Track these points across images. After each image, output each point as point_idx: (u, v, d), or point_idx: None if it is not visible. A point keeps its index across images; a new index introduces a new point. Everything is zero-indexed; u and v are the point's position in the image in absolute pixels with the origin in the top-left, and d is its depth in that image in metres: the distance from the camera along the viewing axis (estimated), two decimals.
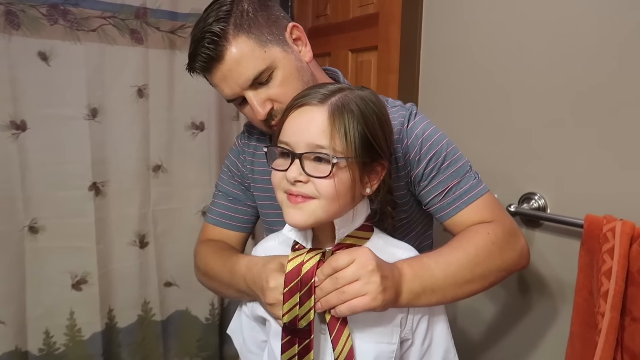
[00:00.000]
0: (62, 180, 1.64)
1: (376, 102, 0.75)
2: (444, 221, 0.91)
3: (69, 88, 1.62)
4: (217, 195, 1.11)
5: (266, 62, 0.87)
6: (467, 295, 0.80)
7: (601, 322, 0.94)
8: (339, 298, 0.69)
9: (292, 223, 0.75)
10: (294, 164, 0.72)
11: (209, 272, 0.98)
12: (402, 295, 0.73)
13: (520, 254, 0.86)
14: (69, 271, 1.68)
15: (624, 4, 0.99)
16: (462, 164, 0.90)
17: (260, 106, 0.88)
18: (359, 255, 0.70)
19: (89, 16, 1.63)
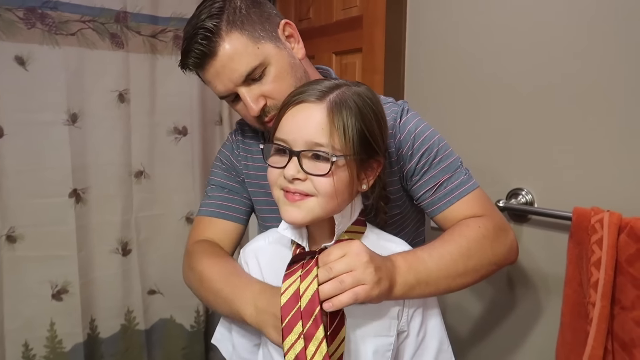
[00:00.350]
0: (41, 187, 1.60)
1: (372, 99, 0.76)
2: (435, 215, 0.92)
3: (48, 93, 1.59)
4: (212, 188, 1.07)
5: (259, 58, 0.87)
6: (459, 287, 0.81)
7: (592, 312, 0.96)
8: (337, 287, 0.67)
9: (290, 220, 0.75)
10: (291, 161, 0.72)
11: (204, 280, 0.90)
12: (396, 287, 0.73)
13: (510, 248, 0.88)
14: (49, 281, 1.63)
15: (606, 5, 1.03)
16: (453, 159, 0.92)
17: (253, 102, 0.88)
18: (351, 248, 0.70)
19: (67, 20, 1.61)
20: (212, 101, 1.93)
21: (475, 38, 1.27)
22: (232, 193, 1.05)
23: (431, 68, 1.39)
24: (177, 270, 1.82)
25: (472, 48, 1.28)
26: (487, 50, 1.25)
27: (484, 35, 1.25)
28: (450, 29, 1.33)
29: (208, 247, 0.99)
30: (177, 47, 1.81)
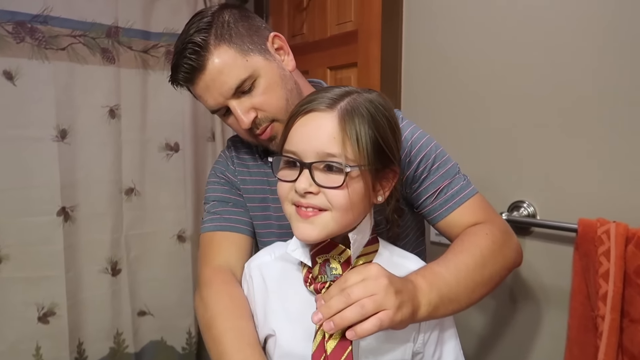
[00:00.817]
0: (29, 205, 1.55)
1: (385, 105, 0.73)
2: (437, 222, 0.90)
3: (37, 108, 1.55)
4: (213, 205, 1.00)
5: (248, 70, 0.87)
6: (477, 300, 0.78)
7: (602, 325, 0.94)
8: (358, 312, 0.61)
9: (303, 238, 0.71)
10: (302, 174, 0.68)
11: (211, 333, 0.80)
12: (420, 308, 0.68)
13: (517, 251, 0.87)
14: (35, 302, 1.57)
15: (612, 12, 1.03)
16: (451, 165, 0.91)
17: (244, 115, 0.88)
18: (370, 272, 0.65)
19: (58, 34, 1.58)
20: (204, 117, 1.91)
21: (473, 50, 1.27)
22: (236, 206, 1.00)
23: (428, 81, 1.39)
24: (168, 290, 1.81)
25: (470, 60, 1.28)
26: (485, 62, 1.25)
27: (481, 47, 1.25)
28: (447, 42, 1.33)
29: (224, 289, 0.87)
30: (169, 62, 1.78)
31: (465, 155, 1.27)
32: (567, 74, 1.09)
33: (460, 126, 1.31)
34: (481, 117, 1.27)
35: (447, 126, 1.33)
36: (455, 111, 1.32)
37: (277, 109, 0.89)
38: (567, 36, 1.09)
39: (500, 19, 1.21)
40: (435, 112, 1.37)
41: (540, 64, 1.14)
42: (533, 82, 1.15)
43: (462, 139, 1.30)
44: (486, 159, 1.25)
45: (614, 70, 1.02)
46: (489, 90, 1.25)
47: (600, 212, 1.02)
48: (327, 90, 0.74)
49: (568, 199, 1.11)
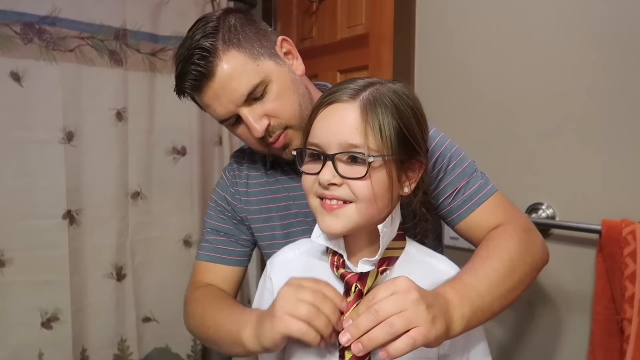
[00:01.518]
0: (34, 208, 1.52)
1: (410, 95, 0.71)
2: (456, 224, 0.87)
3: (43, 110, 1.53)
4: (208, 232, 1.02)
5: (260, 75, 0.83)
6: (509, 304, 0.76)
7: (628, 328, 0.92)
8: (387, 332, 0.58)
9: (328, 231, 0.70)
10: (326, 166, 0.67)
11: (206, 318, 0.87)
12: (454, 323, 0.65)
13: (543, 249, 0.84)
14: (39, 308, 1.53)
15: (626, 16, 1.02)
16: (467, 164, 0.88)
17: (256, 123, 0.84)
18: (398, 285, 0.62)
19: (66, 36, 1.56)
20: (211, 121, 1.89)
21: (487, 53, 1.26)
22: (227, 236, 1.00)
23: (442, 85, 1.38)
24: (173, 297, 1.77)
25: (485, 63, 1.27)
26: (500, 64, 1.24)
27: (496, 50, 1.24)
28: (461, 46, 1.32)
29: (208, 290, 0.96)
30: None
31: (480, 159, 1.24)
32: (587, 73, 1.08)
33: (475, 129, 1.29)
34: (496, 119, 1.25)
35: (461, 130, 1.32)
36: (470, 115, 1.31)
37: (290, 115, 0.86)
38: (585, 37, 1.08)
39: (515, 23, 1.20)
40: (449, 116, 1.35)
41: (558, 64, 1.13)
42: (550, 82, 1.14)
43: (476, 142, 1.28)
44: (502, 162, 1.23)
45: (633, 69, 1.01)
46: (504, 92, 1.23)
47: (621, 213, 1.01)
48: (351, 81, 0.72)
49: (587, 201, 1.09)
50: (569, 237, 1.12)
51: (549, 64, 1.14)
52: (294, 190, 0.95)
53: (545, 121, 1.15)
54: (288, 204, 0.95)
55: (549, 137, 1.15)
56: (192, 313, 0.92)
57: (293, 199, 0.95)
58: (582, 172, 1.10)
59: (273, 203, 0.97)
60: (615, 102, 1.04)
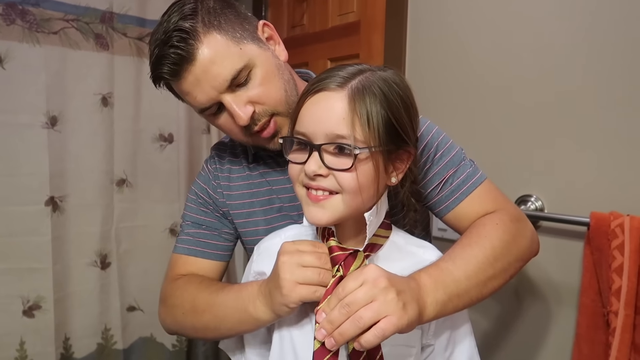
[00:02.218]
0: (15, 194, 1.49)
1: (400, 84, 0.69)
2: (444, 215, 0.85)
3: (26, 93, 1.50)
4: (187, 225, 0.96)
5: (243, 59, 0.79)
6: (490, 293, 0.75)
7: (615, 321, 0.92)
8: (356, 326, 0.59)
9: (314, 221, 0.69)
10: (312, 156, 0.66)
11: (199, 306, 0.83)
12: (427, 308, 0.65)
13: (531, 240, 0.82)
14: (20, 295, 1.51)
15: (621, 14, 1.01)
16: (455, 152, 0.85)
17: (241, 110, 0.79)
18: (367, 274, 0.62)
19: (50, 17, 1.53)
20: None
21: (480, 43, 1.25)
22: (210, 229, 0.95)
23: (433, 74, 1.36)
24: (158, 285, 1.70)
25: (476, 52, 1.26)
26: (490, 54, 1.22)
27: (488, 38, 1.23)
28: (454, 34, 1.30)
29: (191, 278, 0.90)
30: None
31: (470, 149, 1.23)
32: (578, 67, 1.07)
33: (464, 120, 1.28)
34: (486, 110, 1.24)
35: (451, 119, 1.31)
36: (460, 105, 1.30)
37: (276, 101, 0.82)
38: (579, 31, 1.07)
39: (509, 13, 1.19)
40: (439, 106, 1.34)
41: (551, 57, 1.12)
42: (542, 74, 1.13)
43: (466, 132, 1.27)
44: (491, 153, 1.22)
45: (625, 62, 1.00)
46: (494, 83, 1.22)
47: (610, 205, 1.00)
48: (340, 68, 0.70)
49: (576, 193, 1.09)
50: (557, 230, 1.11)
51: (541, 56, 1.13)
52: (277, 183, 0.92)
53: (535, 113, 1.15)
54: (271, 198, 0.92)
55: (538, 128, 1.14)
56: (176, 303, 0.87)
57: (276, 193, 0.92)
58: (571, 164, 1.09)
59: (256, 197, 0.94)
60: (606, 95, 1.03)
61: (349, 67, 0.70)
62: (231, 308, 0.77)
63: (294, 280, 0.67)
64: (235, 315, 0.77)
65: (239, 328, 0.78)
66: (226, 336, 0.84)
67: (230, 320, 0.78)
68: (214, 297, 0.81)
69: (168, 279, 0.94)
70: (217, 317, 0.80)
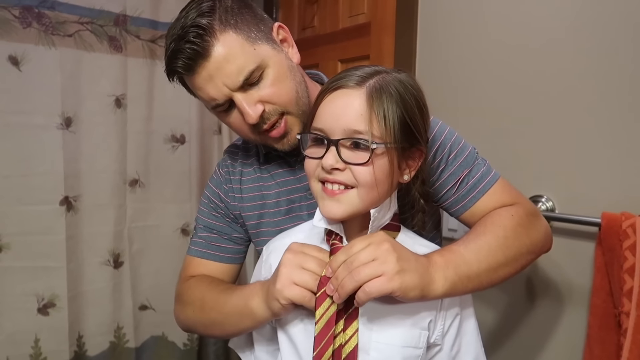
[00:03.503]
0: (31, 193, 1.52)
1: (414, 85, 0.72)
2: (462, 214, 0.86)
3: (41, 95, 1.52)
4: (200, 228, 0.99)
5: (257, 60, 0.80)
6: (500, 280, 0.76)
7: (626, 322, 0.91)
8: (353, 280, 0.64)
9: (329, 215, 0.71)
10: (329, 151, 0.68)
11: (206, 304, 0.86)
12: (435, 283, 0.68)
13: (545, 234, 0.83)
14: (35, 293, 1.53)
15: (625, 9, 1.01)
16: (468, 152, 0.86)
17: (251, 109, 0.81)
18: (374, 237, 0.68)
19: (65, 20, 1.55)
20: None
21: (490, 42, 1.25)
22: (220, 234, 0.98)
23: (444, 75, 1.36)
24: (170, 285, 1.74)
25: (487, 52, 1.26)
26: (502, 54, 1.22)
27: (499, 38, 1.23)
28: (464, 36, 1.31)
29: (202, 278, 0.95)
30: None
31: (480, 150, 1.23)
32: (588, 65, 1.07)
33: (475, 121, 1.28)
34: (496, 111, 1.24)
35: (462, 120, 1.30)
36: (470, 105, 1.30)
37: (287, 101, 0.83)
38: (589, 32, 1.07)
39: (518, 14, 1.19)
40: (450, 107, 1.34)
41: (560, 56, 1.11)
42: (552, 74, 1.13)
43: (476, 133, 1.27)
44: (502, 153, 1.22)
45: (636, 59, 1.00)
46: (505, 83, 1.22)
47: (621, 205, 1.00)
48: (357, 68, 0.72)
49: (587, 193, 1.08)
50: (568, 230, 1.11)
51: (551, 55, 1.13)
52: (287, 184, 0.93)
53: (546, 113, 1.14)
54: (280, 200, 0.93)
55: (549, 129, 1.14)
56: (188, 301, 0.91)
57: (286, 194, 0.93)
58: (582, 165, 1.09)
59: (266, 199, 0.95)
60: (616, 95, 1.03)
61: (365, 67, 0.72)
62: (234, 304, 0.80)
63: (290, 278, 0.69)
64: (238, 310, 0.79)
65: (241, 324, 0.80)
66: (232, 333, 0.85)
67: (233, 316, 0.81)
68: (221, 296, 0.84)
69: (181, 279, 0.98)
70: (222, 314, 0.82)
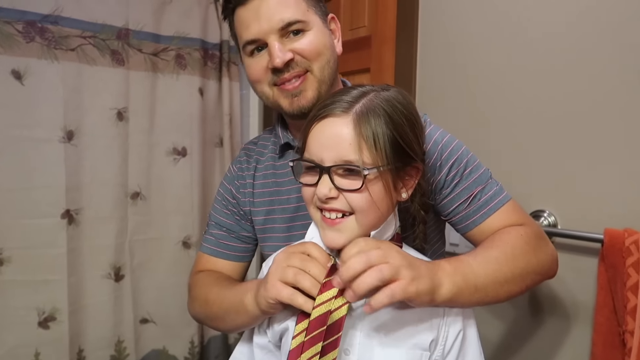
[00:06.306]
0: (32, 207, 1.52)
1: (403, 102, 0.71)
2: (470, 230, 0.86)
3: (44, 109, 1.53)
4: (211, 225, 1.03)
5: (305, 17, 0.84)
6: (506, 296, 0.76)
7: (630, 341, 0.90)
8: (377, 277, 0.61)
9: (331, 245, 0.71)
10: (322, 179, 0.68)
11: (210, 298, 0.89)
12: (442, 287, 0.67)
13: (552, 258, 0.83)
14: (36, 307, 1.53)
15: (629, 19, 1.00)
16: (483, 171, 0.87)
17: (280, 51, 0.82)
18: (384, 243, 0.68)
19: (68, 35, 1.56)
20: (212, 122, 1.89)
21: (489, 58, 1.24)
22: (230, 232, 1.00)
23: (443, 88, 1.36)
24: (172, 298, 1.77)
25: (488, 65, 1.25)
26: (503, 68, 1.22)
27: (498, 55, 1.22)
28: (463, 50, 1.30)
29: (210, 273, 0.98)
30: (179, 66, 1.77)
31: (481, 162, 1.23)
32: (591, 81, 1.06)
33: (476, 135, 1.27)
34: (497, 125, 1.23)
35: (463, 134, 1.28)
36: (471, 120, 1.29)
37: (316, 60, 0.85)
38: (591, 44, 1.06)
39: (517, 26, 1.18)
40: (450, 120, 1.33)
41: (561, 70, 1.11)
42: (552, 88, 1.13)
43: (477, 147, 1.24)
44: (504, 168, 1.20)
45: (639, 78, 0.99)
46: (506, 98, 1.22)
47: (625, 222, 0.98)
48: (345, 92, 0.72)
49: (590, 209, 1.07)
50: (571, 246, 1.10)
51: (552, 69, 1.12)
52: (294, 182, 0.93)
53: (548, 128, 1.13)
54: (291, 198, 0.94)
55: (551, 144, 1.13)
56: (195, 296, 0.94)
57: (297, 191, 0.93)
58: (585, 180, 1.08)
59: (279, 195, 0.96)
60: (619, 110, 1.02)
61: (353, 90, 0.72)
62: (231, 300, 0.82)
63: (277, 277, 0.69)
64: (234, 306, 0.81)
65: (238, 320, 0.82)
66: (232, 327, 0.87)
67: (231, 312, 0.83)
68: (221, 291, 0.87)
69: (192, 272, 1.02)
70: (222, 309, 0.85)
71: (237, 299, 0.80)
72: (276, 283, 0.69)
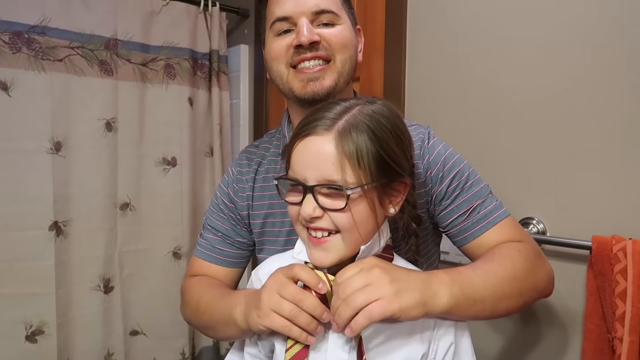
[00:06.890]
0: (20, 219, 1.51)
1: (389, 116, 0.69)
2: (467, 243, 0.85)
3: (31, 120, 1.52)
4: (206, 229, 1.01)
5: (338, 11, 0.87)
6: (503, 312, 0.75)
7: (620, 347, 0.90)
8: (349, 307, 0.63)
9: (319, 264, 0.70)
10: (306, 198, 0.67)
11: (201, 304, 0.88)
12: (439, 298, 0.67)
13: (549, 277, 0.83)
14: (23, 321, 1.51)
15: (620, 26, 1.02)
16: (483, 185, 0.87)
17: (308, 31, 0.84)
18: (364, 263, 0.67)
19: (55, 45, 1.56)
20: (202, 132, 1.88)
21: (479, 66, 1.25)
22: (225, 238, 0.99)
23: (433, 97, 1.36)
24: (162, 309, 1.75)
25: (475, 74, 1.26)
26: (491, 76, 1.23)
27: (487, 63, 1.23)
28: (452, 58, 1.31)
29: (202, 278, 0.97)
30: (168, 76, 1.77)
31: None
32: (578, 88, 1.07)
33: (466, 142, 1.28)
34: (487, 133, 1.24)
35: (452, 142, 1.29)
36: (461, 127, 1.30)
37: (341, 51, 0.87)
38: (578, 49, 1.07)
39: (507, 33, 1.19)
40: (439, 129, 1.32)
41: (551, 77, 1.12)
42: (541, 96, 1.13)
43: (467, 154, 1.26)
44: (493, 175, 1.21)
45: (627, 84, 1.00)
46: (495, 106, 1.22)
47: (613, 229, 0.99)
48: (328, 108, 0.70)
49: (579, 216, 1.08)
50: (559, 253, 1.10)
51: (542, 76, 1.13)
52: None
53: (537, 135, 1.14)
54: None
55: (540, 151, 1.14)
56: (188, 300, 0.94)
57: None
58: (573, 187, 1.08)
59: (278, 199, 0.94)
60: (609, 117, 1.03)
61: (336, 106, 0.70)
62: (221, 312, 0.81)
63: (270, 307, 0.69)
64: (224, 319, 0.81)
65: (229, 331, 0.81)
66: (224, 338, 0.87)
67: (221, 322, 0.82)
68: (212, 301, 0.86)
69: (186, 275, 1.01)
70: (212, 319, 0.84)
71: (226, 312, 0.80)
72: (270, 313, 0.68)
